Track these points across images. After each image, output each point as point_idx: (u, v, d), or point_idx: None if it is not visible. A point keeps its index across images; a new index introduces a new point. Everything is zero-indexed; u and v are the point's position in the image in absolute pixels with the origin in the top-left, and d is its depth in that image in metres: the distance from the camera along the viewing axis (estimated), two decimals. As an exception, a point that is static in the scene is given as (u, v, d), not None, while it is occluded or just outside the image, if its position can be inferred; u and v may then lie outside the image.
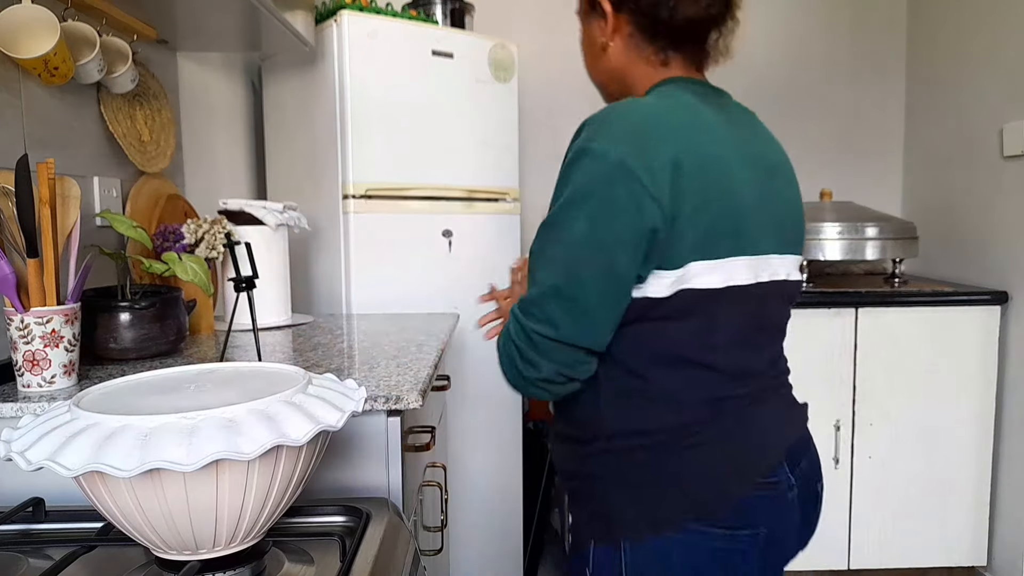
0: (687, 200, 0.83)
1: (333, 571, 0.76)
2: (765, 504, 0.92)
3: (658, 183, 0.82)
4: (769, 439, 0.96)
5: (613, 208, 0.82)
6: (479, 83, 2.17)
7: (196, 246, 1.54)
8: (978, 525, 2.42)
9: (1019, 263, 2.29)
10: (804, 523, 1.01)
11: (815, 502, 1.03)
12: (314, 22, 1.98)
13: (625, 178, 0.82)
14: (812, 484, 1.02)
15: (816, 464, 1.04)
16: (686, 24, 0.94)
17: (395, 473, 1.09)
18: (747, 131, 0.99)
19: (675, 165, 0.83)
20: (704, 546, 0.90)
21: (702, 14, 0.94)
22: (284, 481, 0.72)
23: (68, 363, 1.14)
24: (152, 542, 0.71)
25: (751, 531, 0.91)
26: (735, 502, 0.90)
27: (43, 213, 1.12)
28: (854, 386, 2.38)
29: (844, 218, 2.47)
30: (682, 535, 0.89)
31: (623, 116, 0.87)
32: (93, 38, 1.39)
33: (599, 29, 0.99)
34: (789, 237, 0.99)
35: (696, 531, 0.89)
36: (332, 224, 2.04)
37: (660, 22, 0.94)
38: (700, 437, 0.91)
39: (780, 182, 1.00)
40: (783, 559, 0.99)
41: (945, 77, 2.68)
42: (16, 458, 0.66)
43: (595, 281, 0.84)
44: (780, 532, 0.94)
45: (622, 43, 0.98)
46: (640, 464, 0.92)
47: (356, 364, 1.31)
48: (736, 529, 0.90)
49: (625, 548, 0.91)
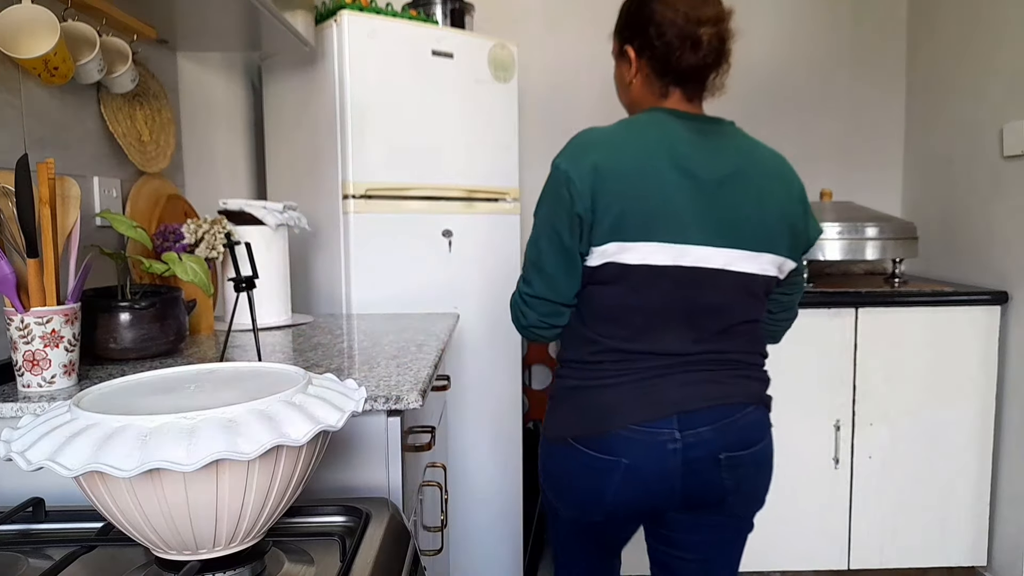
0: (602, 196, 1.14)
1: (333, 571, 0.76)
2: (633, 444, 1.18)
3: (583, 183, 1.15)
4: (664, 398, 1.19)
5: (558, 202, 1.18)
6: (479, 83, 2.18)
7: (196, 246, 1.54)
8: (978, 525, 2.42)
9: (1019, 263, 2.29)
10: (698, 477, 1.21)
11: (716, 467, 1.21)
12: (314, 22, 1.98)
13: (565, 181, 1.16)
14: (714, 452, 1.21)
15: (732, 441, 1.22)
16: (688, 69, 1.22)
17: (395, 473, 1.09)
18: (709, 150, 1.22)
19: (595, 171, 1.14)
20: (576, 459, 1.23)
21: (700, 62, 1.22)
22: (284, 481, 0.72)
23: (68, 363, 1.14)
24: (152, 542, 0.71)
25: (613, 459, 1.19)
26: (604, 436, 1.20)
27: (43, 213, 1.12)
28: (854, 386, 2.38)
29: (844, 218, 2.47)
30: (564, 447, 1.25)
31: (576, 139, 1.22)
32: (93, 38, 1.39)
33: (626, 70, 1.30)
34: (747, 238, 1.20)
35: (573, 447, 1.23)
36: (332, 224, 2.04)
37: (669, 67, 1.22)
38: (593, 378, 1.22)
39: (732, 191, 1.20)
40: (650, 492, 1.22)
41: (945, 77, 2.68)
42: (16, 458, 0.66)
43: (552, 254, 1.19)
44: (646, 469, 1.19)
45: (641, 80, 1.28)
46: (562, 390, 1.28)
47: (356, 364, 1.31)
48: (600, 454, 1.20)
49: (543, 444, 1.31)
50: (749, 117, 2.96)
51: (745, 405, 1.24)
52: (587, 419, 1.22)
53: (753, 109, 2.97)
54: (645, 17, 1.23)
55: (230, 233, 1.59)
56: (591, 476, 1.22)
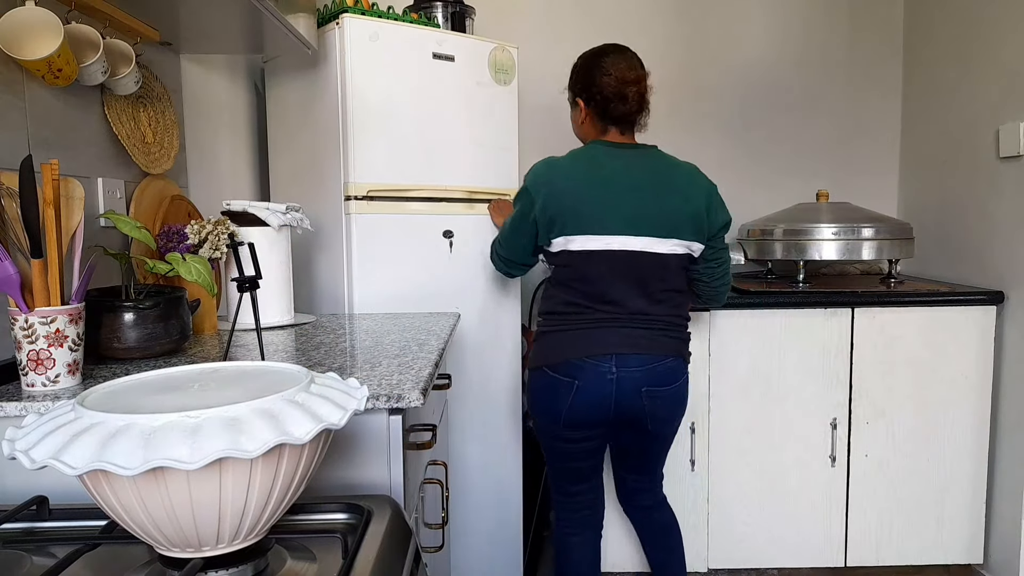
0: (550, 207, 1.71)
1: (335, 568, 0.76)
2: (586, 370, 1.70)
3: (538, 198, 1.72)
4: (604, 341, 1.71)
5: (522, 208, 1.77)
6: (479, 85, 2.18)
7: (200, 247, 1.55)
8: (974, 523, 2.43)
9: (1015, 263, 2.30)
10: (628, 400, 1.72)
11: (639, 397, 1.73)
12: (316, 25, 1.99)
13: (528, 196, 1.75)
14: (638, 385, 1.72)
15: (653, 380, 1.73)
16: (619, 115, 1.76)
17: (397, 471, 1.10)
18: (629, 170, 1.73)
19: (547, 189, 1.72)
20: (547, 380, 1.75)
21: (628, 111, 1.75)
22: (287, 479, 0.72)
23: (72, 362, 1.15)
24: (155, 540, 0.71)
25: (570, 380, 1.71)
26: (565, 364, 1.72)
27: (47, 214, 1.13)
28: (850, 385, 2.39)
29: (840, 219, 2.48)
30: (539, 372, 1.78)
31: (539, 166, 1.78)
32: (96, 40, 1.40)
33: (577, 114, 1.85)
34: (657, 228, 1.70)
35: (545, 372, 1.76)
36: (334, 225, 2.05)
37: (607, 113, 1.77)
38: (560, 325, 1.75)
39: (639, 196, 1.70)
40: (598, 407, 1.73)
41: (941, 78, 2.69)
42: (20, 457, 0.66)
43: (514, 236, 1.81)
44: (591, 390, 1.71)
45: (588, 122, 1.83)
46: (540, 334, 1.81)
47: (358, 363, 1.32)
48: (562, 376, 1.72)
49: (528, 374, 1.84)
50: (746, 118, 2.98)
51: (665, 356, 1.75)
52: (555, 352, 1.74)
53: (750, 110, 2.98)
54: (590, 79, 1.77)
55: (233, 234, 1.60)
56: (555, 392, 1.74)
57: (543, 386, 1.77)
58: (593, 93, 1.76)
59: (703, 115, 2.97)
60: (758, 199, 2.94)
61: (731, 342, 2.37)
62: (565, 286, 1.74)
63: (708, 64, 2.95)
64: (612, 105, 1.74)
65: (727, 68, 2.95)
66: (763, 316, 2.37)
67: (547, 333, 1.78)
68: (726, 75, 2.96)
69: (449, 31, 2.19)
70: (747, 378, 2.39)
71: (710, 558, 2.47)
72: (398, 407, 1.09)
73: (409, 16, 2.13)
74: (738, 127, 2.98)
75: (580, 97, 1.81)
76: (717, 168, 2.89)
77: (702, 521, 2.44)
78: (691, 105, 2.96)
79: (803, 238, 2.47)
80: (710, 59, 2.95)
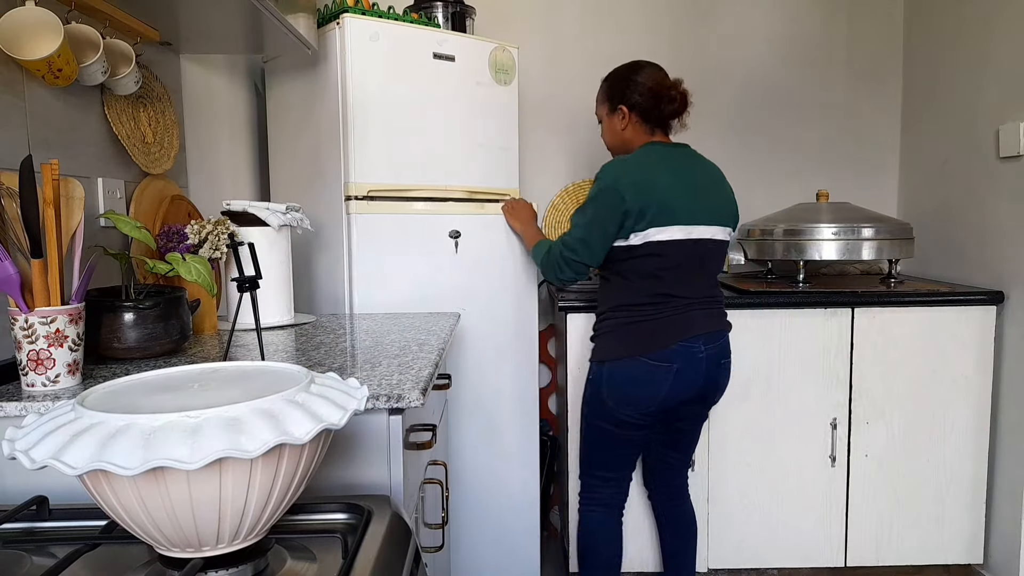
0: (639, 200, 1.78)
1: (335, 568, 0.77)
2: (681, 353, 1.82)
3: (627, 192, 1.79)
4: (693, 324, 1.85)
5: (609, 205, 1.81)
6: (480, 86, 2.18)
7: (200, 247, 1.55)
8: (974, 523, 2.43)
9: (1015, 263, 2.30)
10: (710, 375, 1.88)
11: (718, 369, 1.90)
12: (316, 25, 1.99)
13: (614, 191, 1.81)
14: (718, 359, 1.90)
15: (723, 353, 1.92)
16: (668, 115, 1.92)
17: (396, 471, 1.10)
18: (686, 167, 1.89)
19: (634, 184, 1.80)
20: (641, 367, 1.83)
21: (676, 110, 1.92)
22: (287, 479, 0.72)
23: (72, 362, 1.15)
24: (155, 540, 0.71)
25: (668, 364, 1.82)
26: (663, 350, 1.82)
27: (47, 214, 1.13)
28: (850, 385, 2.39)
29: (841, 219, 2.48)
30: (630, 360, 1.84)
31: (613, 165, 1.86)
32: (96, 40, 1.40)
33: (619, 121, 1.96)
34: (716, 218, 1.88)
35: (638, 359, 1.83)
36: (335, 225, 2.05)
37: (652, 116, 1.92)
38: (650, 315, 1.84)
39: (703, 189, 1.89)
40: (690, 386, 1.86)
41: (941, 78, 2.69)
42: (20, 456, 0.66)
43: (598, 236, 1.83)
44: (687, 371, 1.83)
45: (632, 127, 1.95)
46: (619, 326, 1.87)
47: (358, 363, 1.32)
48: (660, 362, 1.82)
49: (603, 367, 1.88)
50: (747, 119, 2.98)
51: (724, 331, 1.94)
52: (648, 340, 1.83)
53: (751, 111, 2.98)
54: (632, 87, 1.92)
55: (233, 234, 1.60)
56: (652, 378, 1.83)
57: (636, 375, 1.83)
58: (637, 99, 1.91)
59: (703, 115, 2.96)
60: (758, 199, 2.94)
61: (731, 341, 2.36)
62: (650, 277, 1.83)
63: (708, 64, 2.95)
64: (662, 106, 1.89)
65: (727, 68, 2.95)
66: (763, 316, 2.37)
67: (632, 323, 1.85)
68: (726, 75, 2.96)
69: (449, 31, 2.19)
70: (747, 378, 2.39)
71: (710, 558, 2.47)
72: (398, 407, 1.09)
73: (409, 16, 2.13)
74: (738, 127, 2.98)
75: (623, 104, 1.93)
76: (717, 168, 2.90)
77: (702, 521, 2.43)
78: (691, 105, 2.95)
79: (803, 238, 2.47)
80: (710, 59, 2.95)
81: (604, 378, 1.88)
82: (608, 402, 1.88)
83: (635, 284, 1.85)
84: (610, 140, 2.02)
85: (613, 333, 1.88)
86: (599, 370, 1.89)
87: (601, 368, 1.89)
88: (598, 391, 1.90)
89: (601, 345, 1.91)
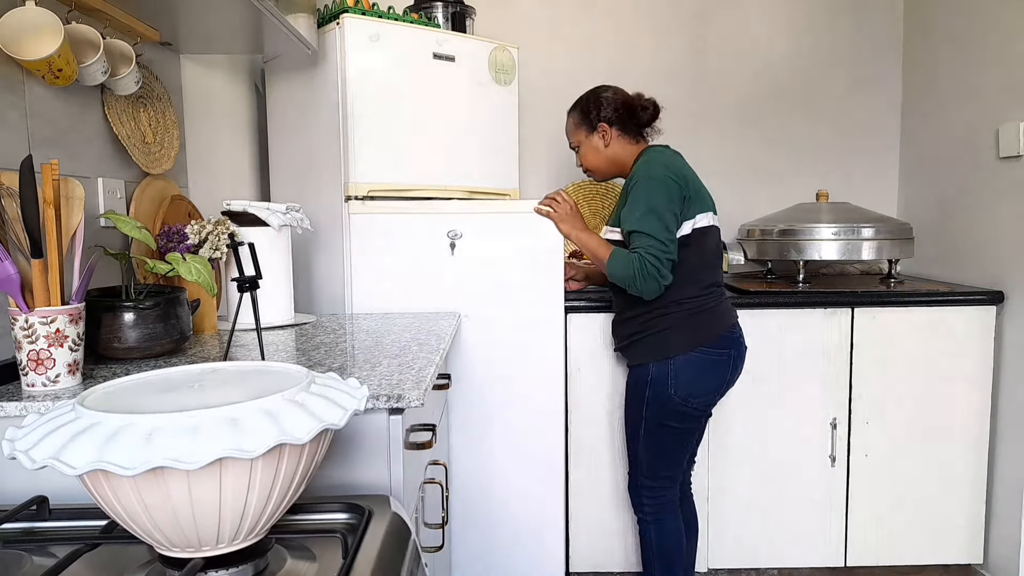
0: (687, 189, 1.84)
1: (335, 568, 0.77)
2: (733, 340, 1.92)
3: (682, 180, 1.84)
4: (731, 312, 1.95)
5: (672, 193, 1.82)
6: (480, 86, 2.19)
7: (200, 247, 1.55)
8: (974, 523, 2.43)
9: (1014, 263, 2.30)
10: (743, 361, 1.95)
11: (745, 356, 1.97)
12: (316, 25, 1.99)
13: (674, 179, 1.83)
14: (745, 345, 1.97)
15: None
16: (643, 123, 1.98)
17: (397, 471, 1.10)
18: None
19: (682, 174, 1.85)
20: (707, 359, 1.87)
21: (650, 118, 1.98)
22: (287, 479, 0.73)
23: (72, 362, 1.15)
24: (155, 540, 0.71)
25: (727, 351, 1.89)
26: (720, 338, 1.89)
27: (47, 214, 1.13)
28: (850, 385, 2.39)
29: (840, 219, 2.48)
30: (697, 355, 1.86)
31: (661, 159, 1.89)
32: (97, 40, 1.40)
33: (600, 140, 1.99)
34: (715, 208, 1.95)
35: (703, 351, 1.86)
36: (334, 225, 2.05)
37: (630, 126, 1.98)
38: (706, 305, 1.88)
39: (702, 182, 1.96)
40: (738, 372, 1.94)
41: (941, 78, 2.69)
42: (20, 456, 0.66)
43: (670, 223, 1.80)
44: (739, 357, 1.92)
45: (615, 141, 1.98)
46: (680, 320, 1.87)
47: (358, 363, 1.32)
48: (721, 350, 1.88)
49: (672, 362, 1.86)
50: (747, 118, 2.98)
51: None
52: (706, 330, 1.87)
53: (751, 111, 2.98)
54: (604, 104, 1.97)
55: (233, 234, 1.60)
56: (717, 368, 1.88)
57: (704, 367, 1.86)
58: (613, 113, 1.96)
59: (703, 115, 2.97)
60: (758, 199, 2.94)
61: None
62: (701, 267, 1.88)
63: (708, 64, 2.95)
64: (638, 114, 1.96)
65: (727, 68, 2.95)
66: (763, 316, 2.37)
67: (692, 315, 1.86)
68: (726, 75, 2.96)
69: (449, 31, 2.19)
70: (747, 378, 2.38)
71: (710, 558, 2.47)
72: (398, 407, 1.09)
73: (409, 16, 2.13)
74: (738, 127, 2.98)
75: (603, 122, 1.96)
76: (717, 168, 2.90)
77: (702, 521, 2.43)
78: (691, 105, 2.96)
79: (803, 238, 2.47)
80: (710, 59, 2.95)
81: (671, 375, 1.86)
82: (676, 398, 1.87)
83: (688, 276, 1.85)
84: (594, 162, 2.01)
85: (674, 328, 1.87)
86: (663, 367, 1.87)
87: (666, 365, 1.86)
88: (664, 389, 1.87)
89: (659, 342, 1.88)
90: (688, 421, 1.92)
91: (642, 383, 1.91)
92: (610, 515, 2.43)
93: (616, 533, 2.44)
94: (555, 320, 2.17)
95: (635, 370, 1.95)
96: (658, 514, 2.00)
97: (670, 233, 1.80)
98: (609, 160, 1.99)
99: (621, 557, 2.46)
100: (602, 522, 2.44)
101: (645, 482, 1.99)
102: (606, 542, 2.45)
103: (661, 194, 1.80)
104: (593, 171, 2.03)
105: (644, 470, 1.98)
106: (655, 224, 1.79)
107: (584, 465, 2.42)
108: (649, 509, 2.01)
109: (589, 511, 2.44)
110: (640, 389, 1.92)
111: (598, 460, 2.41)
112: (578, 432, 2.40)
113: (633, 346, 1.96)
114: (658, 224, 1.79)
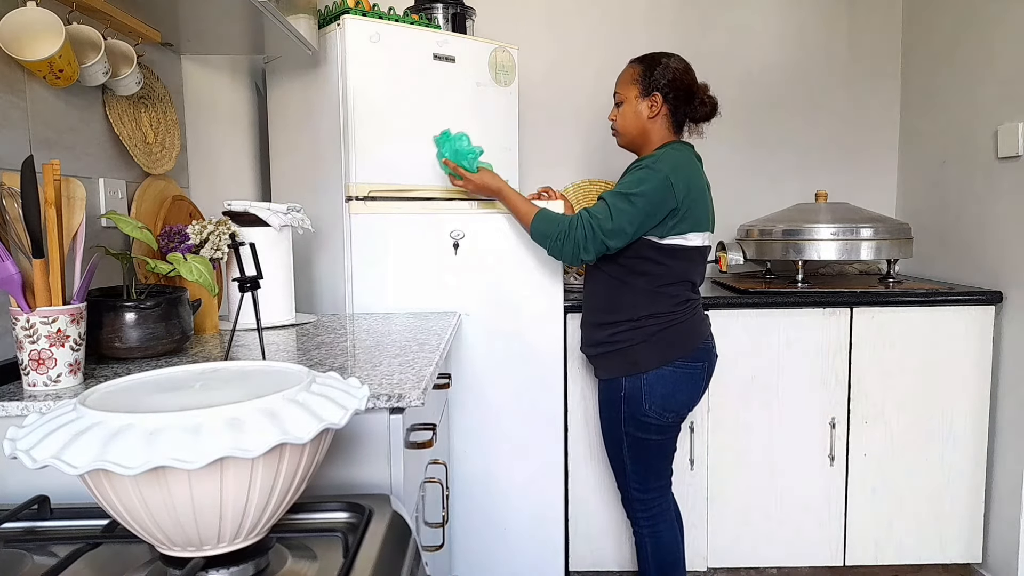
0: (687, 201, 1.77)
1: (336, 567, 0.77)
2: (706, 353, 1.89)
3: (680, 190, 1.76)
4: (705, 324, 1.93)
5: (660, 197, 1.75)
6: (480, 86, 2.19)
7: (201, 247, 1.56)
8: (973, 522, 2.43)
9: (1013, 263, 2.30)
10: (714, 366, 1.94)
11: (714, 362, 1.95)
12: (317, 26, 1.99)
13: (670, 186, 1.75)
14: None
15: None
16: (697, 117, 1.90)
17: (397, 470, 1.11)
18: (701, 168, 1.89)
19: (685, 184, 1.77)
20: (680, 373, 1.84)
21: (704, 116, 1.90)
22: (288, 478, 0.73)
23: (73, 362, 1.15)
24: (157, 539, 0.71)
25: (701, 364, 1.87)
26: (694, 351, 1.86)
27: (49, 214, 1.13)
28: (849, 385, 2.40)
29: (839, 219, 2.48)
30: (669, 368, 1.83)
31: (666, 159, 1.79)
32: (98, 41, 1.40)
33: (647, 108, 1.87)
34: (714, 225, 1.91)
35: (676, 365, 1.83)
36: (335, 225, 2.06)
37: (680, 114, 1.89)
38: (680, 319, 1.84)
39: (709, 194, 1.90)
40: (708, 382, 1.92)
41: (940, 79, 2.70)
42: (22, 456, 0.66)
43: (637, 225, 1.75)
44: (711, 366, 1.91)
45: (660, 118, 1.88)
46: (651, 336, 1.83)
47: (359, 363, 1.32)
48: (695, 363, 1.86)
49: (643, 377, 1.83)
50: (747, 119, 2.98)
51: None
52: (680, 345, 1.84)
53: (751, 111, 2.98)
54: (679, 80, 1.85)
55: (235, 234, 1.60)
56: (691, 381, 1.85)
57: (678, 381, 1.84)
58: (675, 92, 1.85)
59: (703, 115, 2.98)
60: (757, 199, 2.94)
61: (730, 342, 2.37)
62: (681, 282, 1.84)
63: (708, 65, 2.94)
64: (694, 105, 1.87)
65: (727, 68, 2.95)
66: (762, 316, 2.37)
67: (665, 330, 1.82)
68: (726, 75, 2.95)
69: (449, 32, 2.19)
70: (746, 378, 2.40)
71: (710, 557, 2.47)
72: (399, 407, 1.09)
73: (410, 17, 2.14)
74: (737, 127, 2.98)
75: (660, 92, 1.85)
76: (716, 168, 2.89)
77: (701, 520, 2.44)
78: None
79: (802, 238, 2.48)
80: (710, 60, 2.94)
81: (645, 390, 1.83)
82: (651, 413, 1.84)
83: (665, 289, 1.82)
84: (627, 125, 1.90)
85: (647, 343, 1.83)
86: (636, 382, 1.84)
87: (638, 380, 1.83)
88: (639, 406, 1.84)
89: (631, 357, 1.84)
90: (667, 432, 1.91)
91: (616, 399, 1.88)
92: (610, 515, 2.44)
93: (616, 533, 2.44)
94: (555, 320, 2.17)
95: (607, 384, 1.92)
96: (654, 525, 1.99)
97: (628, 227, 1.74)
98: (641, 131, 1.89)
99: (621, 557, 2.46)
100: (602, 522, 2.45)
101: (637, 495, 1.98)
102: (606, 542, 2.46)
103: (648, 192, 1.74)
104: (622, 133, 1.93)
105: (634, 484, 1.97)
106: (619, 210, 1.74)
107: (584, 464, 2.42)
108: (644, 521, 1.99)
109: (589, 511, 2.44)
110: (615, 405, 1.89)
111: (598, 459, 2.41)
112: (578, 431, 2.41)
113: (604, 357, 1.92)
114: (623, 213, 1.74)
